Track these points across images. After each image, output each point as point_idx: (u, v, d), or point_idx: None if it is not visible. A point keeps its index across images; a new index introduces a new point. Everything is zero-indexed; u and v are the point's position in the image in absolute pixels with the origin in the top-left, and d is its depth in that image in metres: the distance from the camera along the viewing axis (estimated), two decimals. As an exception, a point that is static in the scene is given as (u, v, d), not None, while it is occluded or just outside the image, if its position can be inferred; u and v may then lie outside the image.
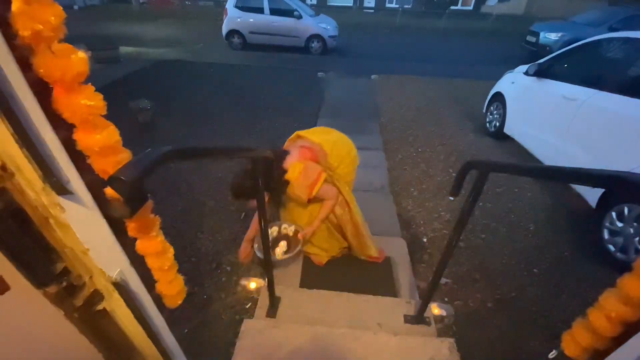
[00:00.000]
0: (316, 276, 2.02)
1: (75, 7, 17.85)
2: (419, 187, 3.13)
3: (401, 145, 3.94)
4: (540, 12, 18.25)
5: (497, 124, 4.07)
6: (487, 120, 4.34)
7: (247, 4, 8.64)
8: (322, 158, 1.74)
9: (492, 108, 4.26)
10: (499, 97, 4.08)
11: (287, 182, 1.61)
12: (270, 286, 1.69)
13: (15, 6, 0.38)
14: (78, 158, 0.51)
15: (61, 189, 0.46)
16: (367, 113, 4.93)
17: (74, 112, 0.46)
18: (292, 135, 1.90)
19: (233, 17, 8.66)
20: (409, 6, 22.52)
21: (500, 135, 4.01)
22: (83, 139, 0.47)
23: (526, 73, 3.54)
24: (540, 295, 2.04)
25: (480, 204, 2.84)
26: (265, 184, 1.51)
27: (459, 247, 2.31)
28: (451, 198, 2.90)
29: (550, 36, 8.20)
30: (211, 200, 2.77)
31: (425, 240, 2.47)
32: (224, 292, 1.97)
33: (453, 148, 3.90)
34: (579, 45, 3.20)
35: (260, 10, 8.57)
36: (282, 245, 1.86)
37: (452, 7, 21.42)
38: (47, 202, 0.44)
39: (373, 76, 6.75)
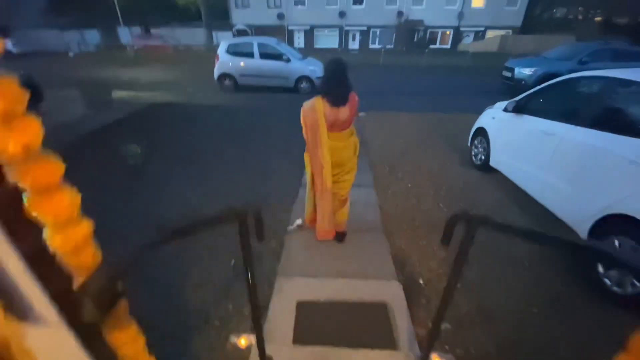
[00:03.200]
0: (310, 328, 1.92)
1: (71, 54, 18.48)
2: (411, 223, 3.12)
3: (391, 181, 3.98)
4: (513, 49, 19.66)
5: (483, 157, 4.18)
6: (473, 153, 4.45)
7: (237, 49, 9.10)
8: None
9: (476, 142, 4.39)
10: (481, 132, 4.22)
11: None
12: (260, 345, 1.59)
13: None
14: (45, 268, 0.48)
15: (24, 316, 0.43)
16: (356, 150, 5.02)
17: (51, 213, 0.45)
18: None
19: (224, 62, 9.07)
20: (391, 46, 24.05)
21: (486, 168, 4.09)
22: (55, 237, 0.45)
23: (505, 110, 3.70)
24: (542, 337, 1.96)
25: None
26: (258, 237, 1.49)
27: (455, 288, 2.25)
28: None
29: (524, 71, 8.75)
30: (199, 246, 2.69)
31: (421, 281, 2.41)
32: (213, 351, 1.85)
33: (442, 181, 3.96)
34: (552, 83, 3.38)
35: (250, 55, 9.01)
36: None
37: (431, 46, 22.94)
38: (7, 333, 0.41)
39: (361, 114, 6.97)
